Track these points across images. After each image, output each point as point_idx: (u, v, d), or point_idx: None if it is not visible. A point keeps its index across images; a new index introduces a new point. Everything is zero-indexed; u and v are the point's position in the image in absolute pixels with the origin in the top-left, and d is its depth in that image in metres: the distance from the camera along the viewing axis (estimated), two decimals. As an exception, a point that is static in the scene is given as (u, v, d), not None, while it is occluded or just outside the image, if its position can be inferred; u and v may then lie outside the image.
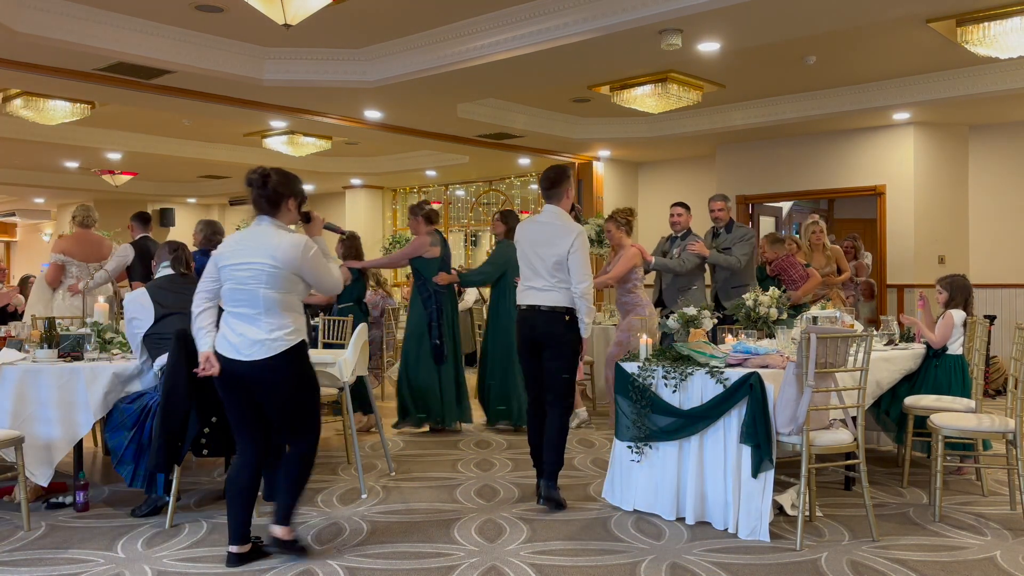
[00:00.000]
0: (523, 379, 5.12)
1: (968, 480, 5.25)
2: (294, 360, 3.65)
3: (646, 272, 6.79)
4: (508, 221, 6.92)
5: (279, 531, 3.77)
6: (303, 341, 3.71)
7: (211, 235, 6.50)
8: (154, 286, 4.71)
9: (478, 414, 7.12)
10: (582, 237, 4.54)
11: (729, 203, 7.36)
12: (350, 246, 6.91)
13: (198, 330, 3.71)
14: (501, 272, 6.85)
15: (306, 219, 3.92)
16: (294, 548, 3.81)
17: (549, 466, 4.56)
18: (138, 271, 7.48)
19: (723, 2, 5.50)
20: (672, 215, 7.16)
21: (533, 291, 4.60)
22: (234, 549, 3.74)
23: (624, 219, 6.73)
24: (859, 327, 5.09)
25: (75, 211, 7.46)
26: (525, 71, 7.11)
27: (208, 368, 3.65)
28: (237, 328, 3.62)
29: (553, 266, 4.52)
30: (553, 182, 4.66)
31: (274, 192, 3.66)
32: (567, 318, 4.54)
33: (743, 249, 6.98)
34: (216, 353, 3.65)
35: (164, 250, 4.90)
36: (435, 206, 6.85)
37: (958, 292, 5.29)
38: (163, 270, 4.81)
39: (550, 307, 4.53)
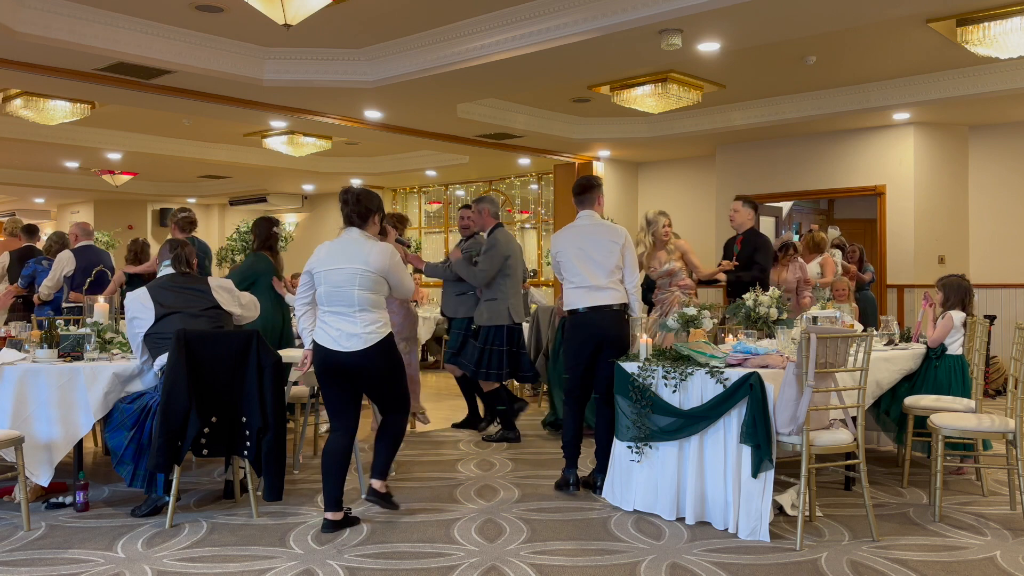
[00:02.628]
0: (565, 378, 5.25)
1: (968, 480, 5.25)
2: (384, 350, 4.21)
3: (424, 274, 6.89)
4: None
5: (376, 484, 4.40)
6: (391, 333, 4.29)
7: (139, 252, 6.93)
8: (155, 285, 4.71)
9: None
10: (628, 234, 4.97)
11: (483, 206, 6.45)
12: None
13: (302, 330, 4.37)
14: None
15: (382, 233, 4.57)
16: (388, 501, 4.45)
17: (604, 459, 4.84)
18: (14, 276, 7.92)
19: (723, 2, 5.50)
20: (462, 217, 6.76)
21: (592, 291, 4.87)
22: (329, 516, 4.22)
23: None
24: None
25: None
26: (525, 71, 7.11)
27: (304, 365, 4.36)
28: (335, 324, 4.18)
29: (614, 266, 4.89)
30: (584, 187, 5.05)
31: (365, 208, 4.25)
32: (626, 316, 4.94)
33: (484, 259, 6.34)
34: (318, 345, 4.21)
35: (165, 249, 4.90)
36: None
37: (952, 293, 5.29)
38: (164, 269, 4.81)
39: (618, 305, 4.89)
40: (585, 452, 5.26)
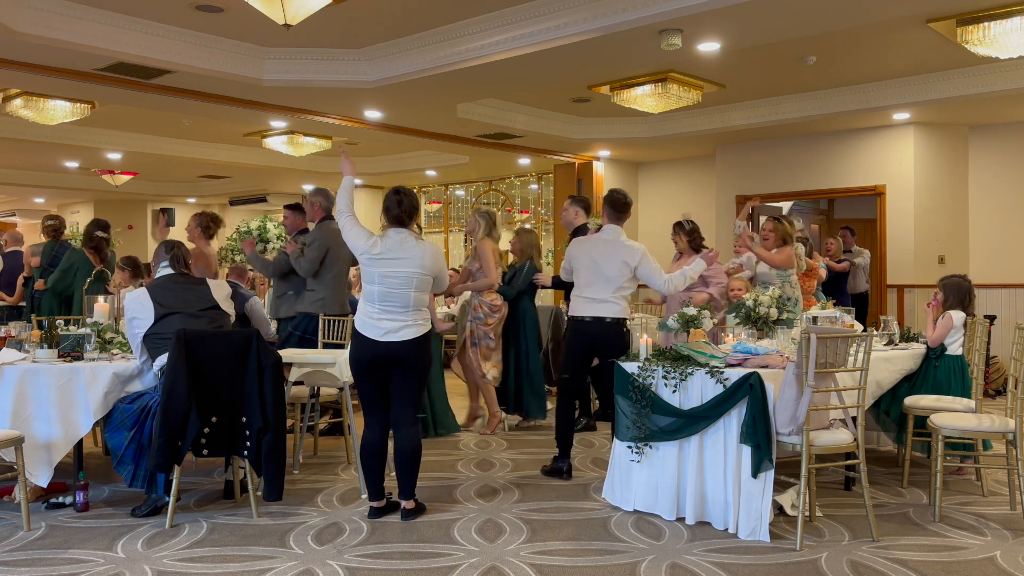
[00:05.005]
0: (565, 378, 5.44)
1: (968, 480, 5.25)
2: (424, 343, 4.36)
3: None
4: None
5: (406, 504, 4.43)
6: (431, 329, 4.43)
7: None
8: (154, 285, 4.71)
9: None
10: (645, 250, 5.13)
11: (315, 199, 6.28)
12: None
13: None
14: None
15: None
16: (422, 511, 4.49)
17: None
18: None
19: (723, 2, 5.50)
20: (285, 217, 6.64)
21: (593, 303, 5.12)
22: (374, 504, 4.43)
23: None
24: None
25: None
26: (525, 71, 7.11)
27: None
28: (386, 316, 4.28)
29: (620, 284, 5.08)
30: (626, 206, 5.23)
31: (411, 207, 4.39)
32: (624, 328, 5.19)
33: (309, 254, 6.09)
34: (362, 336, 4.31)
35: (161, 249, 4.90)
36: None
37: (952, 293, 5.29)
38: (162, 270, 4.80)
39: (613, 319, 5.11)
40: (585, 454, 5.29)
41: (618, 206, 5.19)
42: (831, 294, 8.30)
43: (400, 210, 4.35)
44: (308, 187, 15.25)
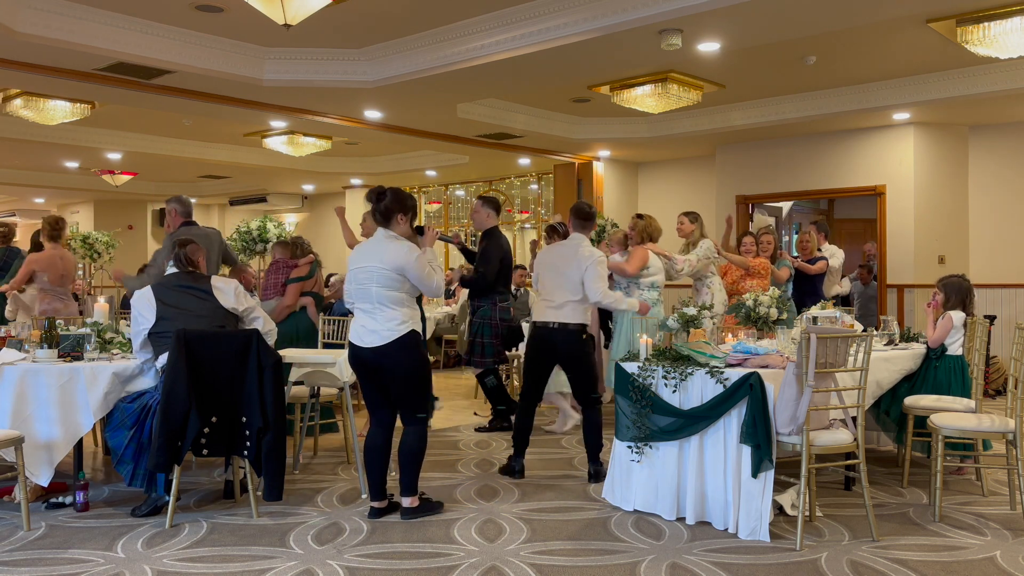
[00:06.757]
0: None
1: (968, 480, 5.25)
2: (403, 346, 4.25)
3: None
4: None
5: (406, 501, 4.41)
6: (413, 331, 4.30)
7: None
8: (159, 284, 4.72)
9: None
10: (601, 257, 5.17)
11: (171, 206, 6.29)
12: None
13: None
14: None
15: (419, 232, 4.48)
16: (428, 509, 4.45)
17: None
18: None
19: (723, 2, 5.50)
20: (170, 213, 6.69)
21: (552, 308, 5.19)
22: (375, 504, 4.43)
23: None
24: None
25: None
26: (525, 71, 7.11)
27: None
28: (360, 320, 4.32)
29: (577, 286, 5.09)
30: (589, 216, 5.33)
31: (386, 208, 4.30)
32: (584, 335, 5.21)
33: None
34: (350, 340, 4.36)
35: (168, 246, 4.93)
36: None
37: (953, 293, 5.29)
38: (170, 268, 4.83)
39: (575, 324, 5.16)
40: (585, 454, 5.29)
41: (582, 215, 5.31)
42: (802, 296, 7.67)
43: (376, 208, 4.34)
44: (307, 187, 15.28)
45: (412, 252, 4.27)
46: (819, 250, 8.43)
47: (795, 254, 8.65)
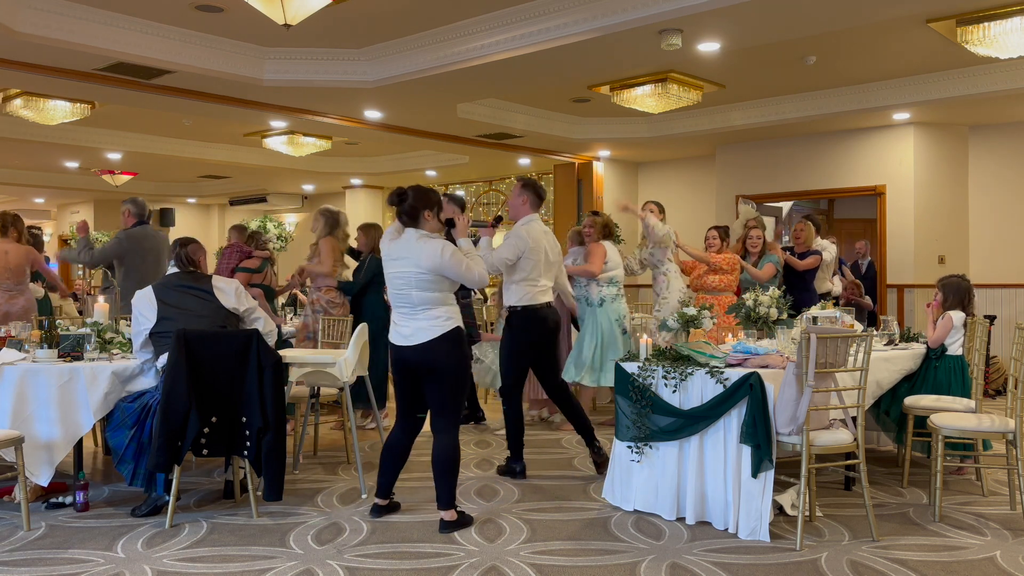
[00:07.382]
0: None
1: (968, 480, 5.25)
2: (448, 340, 4.18)
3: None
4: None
5: (444, 515, 4.27)
6: (458, 327, 4.24)
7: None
8: (161, 284, 4.73)
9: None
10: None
11: (125, 207, 7.23)
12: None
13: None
14: None
15: (450, 224, 4.41)
16: (464, 523, 4.30)
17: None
18: None
19: (723, 2, 5.50)
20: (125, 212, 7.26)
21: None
22: (378, 501, 4.45)
23: None
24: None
25: None
26: (525, 71, 7.11)
27: None
28: (402, 322, 4.25)
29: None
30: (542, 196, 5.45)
31: (411, 207, 4.21)
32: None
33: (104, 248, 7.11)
34: (390, 340, 4.31)
35: (171, 248, 4.95)
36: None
37: (952, 293, 5.29)
38: (172, 268, 4.84)
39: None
40: (585, 454, 5.29)
41: (542, 192, 5.42)
42: (792, 293, 6.82)
43: (400, 209, 4.24)
44: (307, 187, 15.28)
45: (446, 250, 4.13)
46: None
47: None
